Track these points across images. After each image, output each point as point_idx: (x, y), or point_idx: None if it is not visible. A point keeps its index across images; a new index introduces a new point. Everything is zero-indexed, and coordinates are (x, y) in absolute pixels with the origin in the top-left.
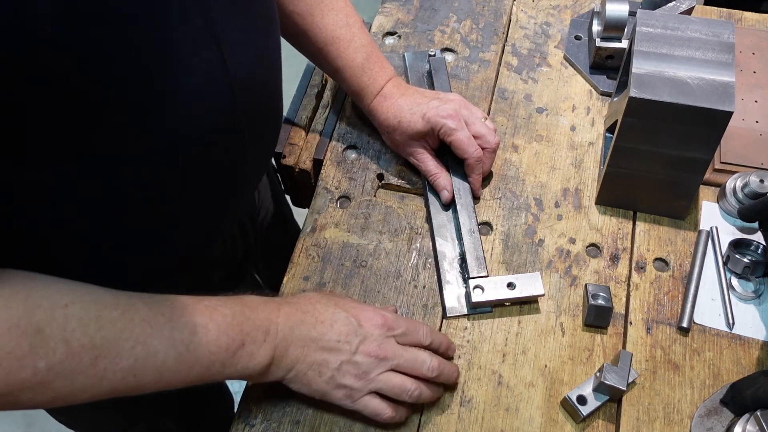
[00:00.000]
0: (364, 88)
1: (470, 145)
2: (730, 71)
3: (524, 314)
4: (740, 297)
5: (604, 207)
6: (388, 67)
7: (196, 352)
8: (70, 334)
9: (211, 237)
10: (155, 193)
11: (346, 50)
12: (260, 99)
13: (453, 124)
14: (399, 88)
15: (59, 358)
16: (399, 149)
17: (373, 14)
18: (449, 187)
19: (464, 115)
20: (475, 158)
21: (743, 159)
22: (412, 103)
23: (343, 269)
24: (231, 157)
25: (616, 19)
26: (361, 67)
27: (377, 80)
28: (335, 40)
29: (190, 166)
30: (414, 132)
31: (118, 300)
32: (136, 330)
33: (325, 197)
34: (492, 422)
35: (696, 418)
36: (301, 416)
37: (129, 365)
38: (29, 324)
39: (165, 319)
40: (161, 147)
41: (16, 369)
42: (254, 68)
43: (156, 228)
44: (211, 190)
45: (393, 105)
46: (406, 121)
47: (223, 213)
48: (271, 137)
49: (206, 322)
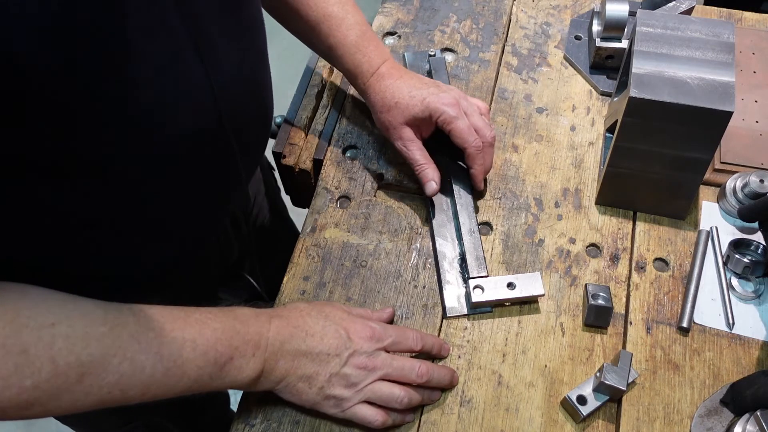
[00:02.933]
0: (359, 65)
1: (470, 134)
2: (730, 71)
3: (524, 314)
4: (740, 297)
5: (604, 207)
6: (383, 48)
7: (183, 366)
8: (56, 353)
9: (202, 238)
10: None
11: (338, 27)
12: (245, 104)
13: (453, 112)
14: (397, 69)
15: (45, 377)
16: (389, 131)
17: (373, 14)
18: (437, 179)
19: (463, 106)
20: (475, 147)
21: (743, 159)
22: (411, 86)
23: (343, 269)
24: (218, 161)
25: (616, 19)
26: (355, 44)
27: (373, 59)
28: (327, 18)
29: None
30: (411, 115)
31: (107, 315)
32: (124, 346)
33: (325, 197)
34: (492, 422)
35: (696, 418)
36: (301, 416)
37: (115, 380)
38: (15, 344)
39: (153, 335)
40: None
41: (1, 388)
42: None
43: (145, 232)
44: (200, 194)
45: (391, 85)
46: (404, 102)
47: (213, 215)
48: (260, 138)
49: (195, 337)
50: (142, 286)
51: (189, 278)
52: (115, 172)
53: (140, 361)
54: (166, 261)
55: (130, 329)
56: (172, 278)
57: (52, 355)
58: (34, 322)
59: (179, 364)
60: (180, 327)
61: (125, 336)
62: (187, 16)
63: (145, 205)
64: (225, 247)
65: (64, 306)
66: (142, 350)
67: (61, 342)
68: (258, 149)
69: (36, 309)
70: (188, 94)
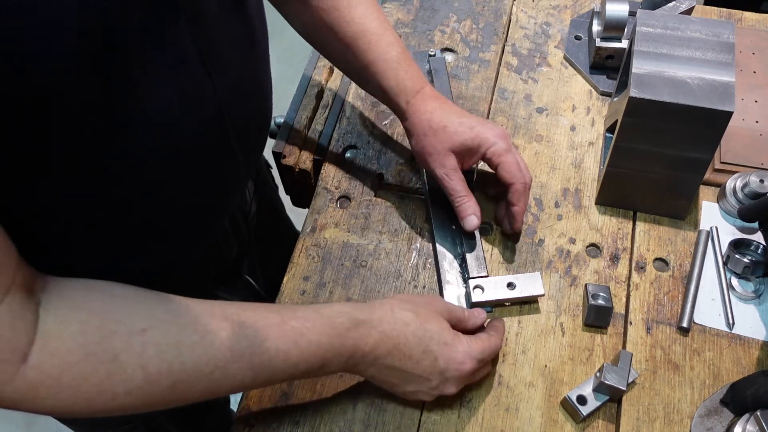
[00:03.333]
0: (402, 83)
1: (519, 169)
2: (730, 71)
3: (524, 314)
4: (740, 297)
5: (604, 207)
6: (420, 70)
7: (273, 375)
8: (147, 361)
9: (201, 239)
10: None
11: (378, 43)
12: (247, 106)
13: (505, 145)
14: (440, 95)
15: (137, 383)
16: (427, 159)
17: None
18: (478, 213)
19: (509, 142)
20: (523, 183)
21: (743, 159)
22: (460, 113)
23: (343, 269)
24: (220, 163)
25: (616, 19)
26: (397, 60)
27: (416, 78)
28: (366, 33)
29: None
30: (458, 142)
31: (198, 321)
32: (217, 356)
33: (325, 197)
34: (492, 422)
35: (696, 418)
36: (301, 416)
37: (206, 387)
38: (105, 351)
39: (246, 343)
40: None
41: (95, 393)
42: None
43: (145, 233)
44: (201, 196)
45: (439, 107)
46: (453, 128)
47: (213, 216)
48: (260, 139)
49: (289, 348)
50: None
51: (188, 278)
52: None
53: (232, 371)
54: (165, 262)
55: (223, 338)
56: (170, 278)
57: (143, 363)
58: (124, 327)
59: (270, 372)
60: (274, 336)
61: (217, 344)
62: (192, 21)
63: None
64: (224, 247)
65: (155, 309)
66: (235, 359)
67: (152, 350)
68: (258, 150)
69: (125, 313)
70: (192, 99)
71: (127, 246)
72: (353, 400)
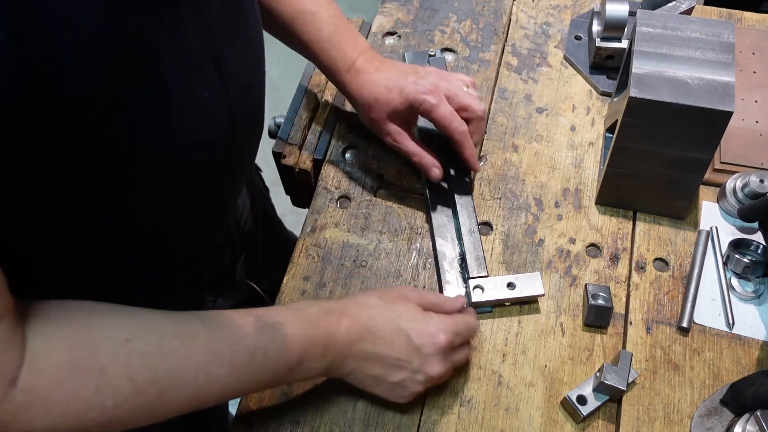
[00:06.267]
0: (333, 62)
1: (453, 119)
2: (730, 71)
3: (524, 314)
4: (740, 297)
5: (604, 207)
6: (359, 40)
7: (256, 373)
8: (133, 371)
9: (208, 243)
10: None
11: (312, 23)
12: (252, 112)
13: (433, 99)
14: (372, 62)
15: (125, 395)
16: (376, 128)
17: (373, 14)
18: (438, 164)
19: (444, 88)
20: (460, 132)
21: (743, 159)
22: (388, 78)
23: (343, 269)
24: (230, 167)
25: (616, 19)
26: (329, 40)
27: (347, 54)
28: (300, 14)
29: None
30: (392, 110)
31: (178, 327)
32: (198, 359)
33: (325, 197)
34: (492, 422)
35: (696, 418)
36: (301, 416)
37: (192, 393)
38: (93, 364)
39: (225, 344)
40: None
41: (84, 410)
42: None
43: (159, 239)
44: (211, 200)
45: (367, 80)
46: (383, 98)
47: (221, 219)
48: (258, 142)
49: (266, 343)
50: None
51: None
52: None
53: (215, 373)
54: (166, 270)
55: (202, 341)
56: (163, 286)
57: (130, 373)
58: (108, 339)
59: (252, 371)
60: (251, 334)
61: (198, 348)
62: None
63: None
64: (217, 253)
65: (133, 320)
66: (216, 361)
67: (137, 359)
68: (256, 153)
69: (107, 326)
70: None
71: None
72: (353, 400)
